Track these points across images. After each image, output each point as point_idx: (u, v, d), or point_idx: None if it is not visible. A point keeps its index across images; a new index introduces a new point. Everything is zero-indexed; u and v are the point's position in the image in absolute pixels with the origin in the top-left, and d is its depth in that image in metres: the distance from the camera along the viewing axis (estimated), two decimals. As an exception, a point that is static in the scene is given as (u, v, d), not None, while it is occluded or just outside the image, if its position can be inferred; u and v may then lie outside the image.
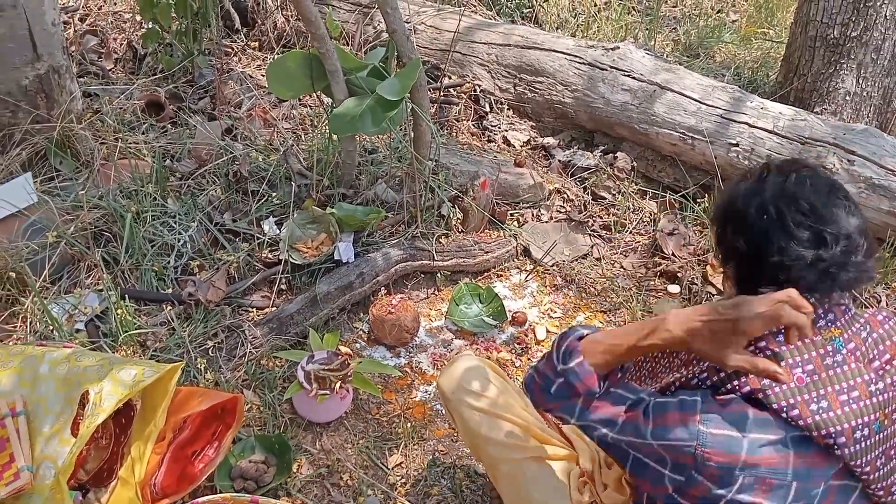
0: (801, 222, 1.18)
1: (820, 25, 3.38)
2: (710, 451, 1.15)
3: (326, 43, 2.39)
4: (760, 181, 1.24)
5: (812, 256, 1.17)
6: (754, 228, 1.21)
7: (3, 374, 1.75)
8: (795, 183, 1.21)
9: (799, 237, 1.17)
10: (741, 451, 1.14)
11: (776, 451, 1.15)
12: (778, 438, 1.15)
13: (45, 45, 2.57)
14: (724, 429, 1.15)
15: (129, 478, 1.74)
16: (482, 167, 2.94)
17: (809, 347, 1.18)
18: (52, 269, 2.31)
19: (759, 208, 1.21)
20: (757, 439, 1.14)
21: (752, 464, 1.14)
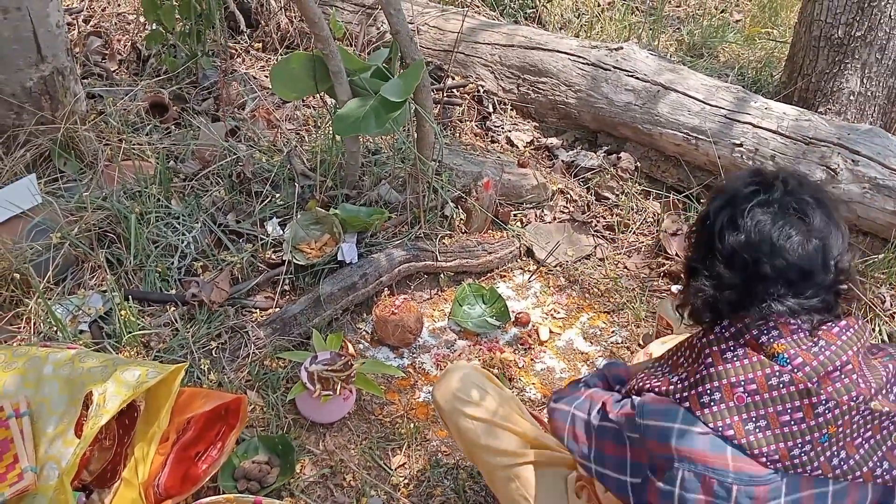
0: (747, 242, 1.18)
1: (824, 25, 3.37)
2: (650, 441, 1.20)
3: (330, 44, 2.39)
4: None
5: (780, 292, 1.17)
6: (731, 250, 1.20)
7: (8, 375, 1.76)
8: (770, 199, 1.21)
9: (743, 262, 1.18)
10: (671, 440, 1.17)
11: (713, 449, 1.15)
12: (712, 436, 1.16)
13: (49, 46, 2.58)
14: (658, 419, 1.20)
15: (132, 479, 1.75)
16: (485, 168, 2.93)
17: (755, 366, 1.16)
18: (56, 270, 2.32)
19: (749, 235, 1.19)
20: (688, 430, 1.17)
21: (686, 457, 1.16)
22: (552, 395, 1.49)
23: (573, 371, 2.41)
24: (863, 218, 2.71)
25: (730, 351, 1.18)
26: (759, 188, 1.22)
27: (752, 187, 1.22)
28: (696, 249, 1.28)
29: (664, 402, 1.22)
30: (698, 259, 1.25)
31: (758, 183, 1.23)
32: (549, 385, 2.36)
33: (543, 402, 2.28)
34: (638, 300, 2.65)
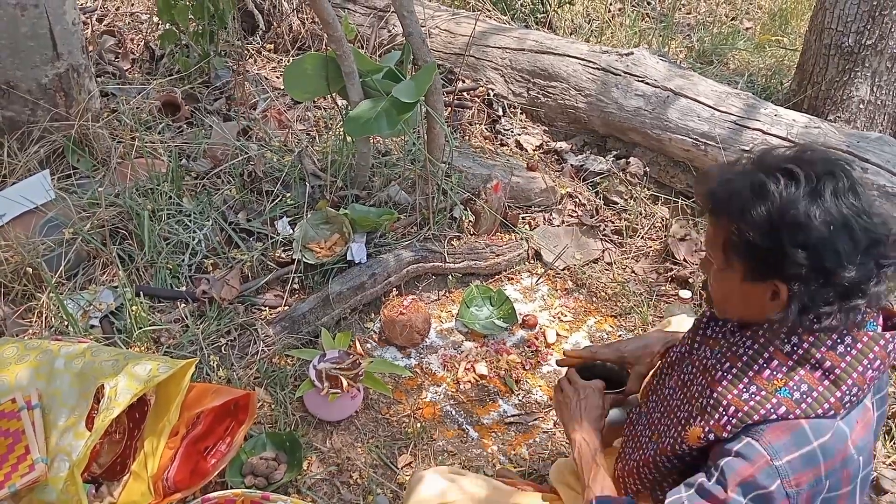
0: (864, 226, 1.10)
1: (835, 33, 3.37)
2: (794, 478, 1.12)
3: (343, 45, 2.41)
4: (813, 185, 1.11)
5: (873, 266, 1.12)
6: (820, 242, 1.10)
7: (20, 367, 1.77)
8: (848, 185, 1.12)
9: (861, 247, 1.10)
10: (821, 462, 1.13)
11: (841, 443, 1.14)
12: (834, 428, 1.15)
13: (65, 44, 2.60)
14: (795, 451, 1.13)
15: (141, 472, 1.77)
16: (495, 170, 2.95)
17: (870, 346, 1.16)
18: (68, 266, 2.34)
19: (825, 219, 1.09)
20: (824, 442, 1.13)
21: (831, 468, 1.13)
22: None
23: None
24: (871, 226, 2.71)
25: (840, 344, 1.16)
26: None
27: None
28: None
29: (787, 428, 1.14)
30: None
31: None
32: (556, 387, 2.37)
33: (549, 405, 2.29)
34: (645, 304, 2.66)
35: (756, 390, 1.17)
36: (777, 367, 1.18)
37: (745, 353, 1.22)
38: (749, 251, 1.16)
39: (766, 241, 1.12)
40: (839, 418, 1.15)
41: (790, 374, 1.16)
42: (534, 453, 2.14)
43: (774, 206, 1.11)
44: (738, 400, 1.18)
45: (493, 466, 2.09)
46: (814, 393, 1.14)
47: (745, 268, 1.18)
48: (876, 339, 1.15)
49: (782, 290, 1.14)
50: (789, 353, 1.18)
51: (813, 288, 1.11)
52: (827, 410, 1.14)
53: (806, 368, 1.16)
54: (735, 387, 1.19)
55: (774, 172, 1.14)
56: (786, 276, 1.13)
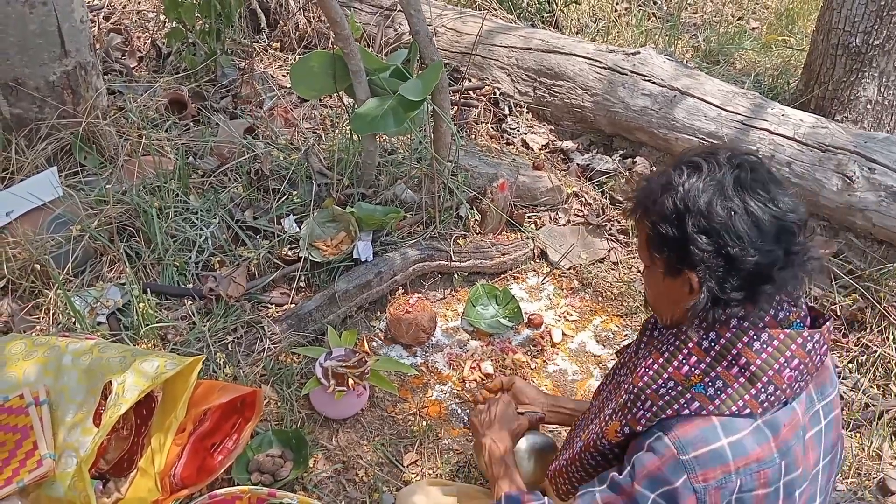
0: (770, 214, 1.12)
1: (842, 33, 3.37)
2: (701, 473, 1.13)
3: (350, 43, 2.41)
4: (714, 174, 1.15)
5: (782, 252, 1.13)
6: (722, 227, 1.12)
7: (28, 364, 1.78)
8: (751, 175, 1.15)
9: (767, 233, 1.12)
10: (730, 459, 1.14)
11: (757, 444, 1.15)
12: (750, 429, 1.15)
13: (73, 41, 2.61)
14: (703, 446, 1.14)
15: (148, 468, 1.77)
16: (501, 169, 2.95)
17: (787, 343, 1.17)
18: (76, 262, 2.34)
19: (724, 205, 1.12)
20: (735, 440, 1.14)
21: (742, 466, 1.14)
22: None
23: (585, 373, 2.42)
24: (878, 226, 2.71)
25: (756, 341, 1.16)
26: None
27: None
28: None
29: (697, 425, 1.16)
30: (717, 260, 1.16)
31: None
32: (561, 387, 2.37)
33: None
34: (651, 304, 2.65)
35: (673, 385, 1.19)
36: (695, 364, 1.19)
37: (666, 349, 1.24)
38: (662, 243, 1.19)
39: (673, 231, 1.16)
40: (760, 419, 1.16)
41: (707, 371, 1.18)
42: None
43: (678, 195, 1.15)
44: (655, 395, 1.20)
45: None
46: (728, 389, 1.16)
47: (663, 263, 1.21)
48: (793, 337, 1.17)
49: (693, 280, 1.16)
50: (707, 350, 1.19)
51: (719, 273, 1.13)
52: (741, 408, 1.15)
53: (723, 365, 1.17)
54: (654, 381, 1.21)
55: (680, 166, 1.18)
56: (693, 263, 1.15)
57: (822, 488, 1.30)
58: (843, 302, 2.63)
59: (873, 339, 2.50)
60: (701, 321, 1.17)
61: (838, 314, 2.61)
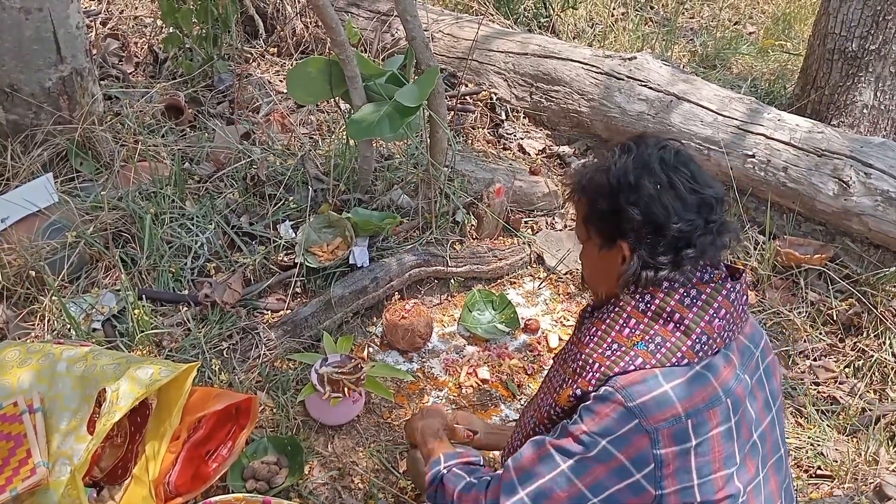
0: (690, 188, 1.27)
1: (838, 38, 3.37)
2: (651, 416, 1.21)
3: (346, 49, 2.41)
4: (643, 155, 1.29)
5: (703, 221, 1.26)
6: (650, 200, 1.26)
7: (22, 371, 1.77)
8: (675, 156, 1.30)
9: (690, 205, 1.26)
10: (675, 402, 1.22)
11: (700, 385, 1.24)
12: (690, 374, 1.24)
13: (68, 47, 2.61)
14: (647, 392, 1.22)
15: (143, 476, 1.76)
16: (497, 174, 2.95)
17: (713, 296, 1.28)
18: (71, 269, 2.34)
19: (651, 181, 1.26)
20: (676, 384, 1.23)
21: (690, 407, 1.22)
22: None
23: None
24: (874, 231, 2.71)
25: (686, 297, 1.28)
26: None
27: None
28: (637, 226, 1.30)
29: (640, 375, 1.24)
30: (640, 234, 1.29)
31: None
32: (558, 392, 2.36)
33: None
34: (648, 309, 2.65)
35: (617, 347, 1.29)
36: (635, 325, 1.29)
37: (607, 316, 1.34)
38: (597, 217, 1.33)
39: (607, 204, 1.30)
40: (697, 366, 1.25)
41: (646, 330, 1.28)
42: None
43: (612, 173, 1.30)
44: (602, 357, 1.29)
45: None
46: (667, 343, 1.26)
47: (598, 236, 1.35)
48: (718, 290, 1.29)
49: (625, 248, 1.29)
50: (644, 311, 1.29)
51: (648, 240, 1.27)
52: (680, 359, 1.25)
53: (659, 323, 1.28)
54: (600, 346, 1.31)
55: (613, 148, 1.34)
56: (625, 232, 1.29)
57: (781, 437, 1.40)
58: (839, 307, 2.63)
59: (870, 344, 2.50)
60: (633, 284, 1.30)
61: (835, 319, 2.61)
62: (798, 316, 2.59)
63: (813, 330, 2.57)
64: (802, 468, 2.14)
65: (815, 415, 2.28)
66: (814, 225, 2.92)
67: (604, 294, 1.39)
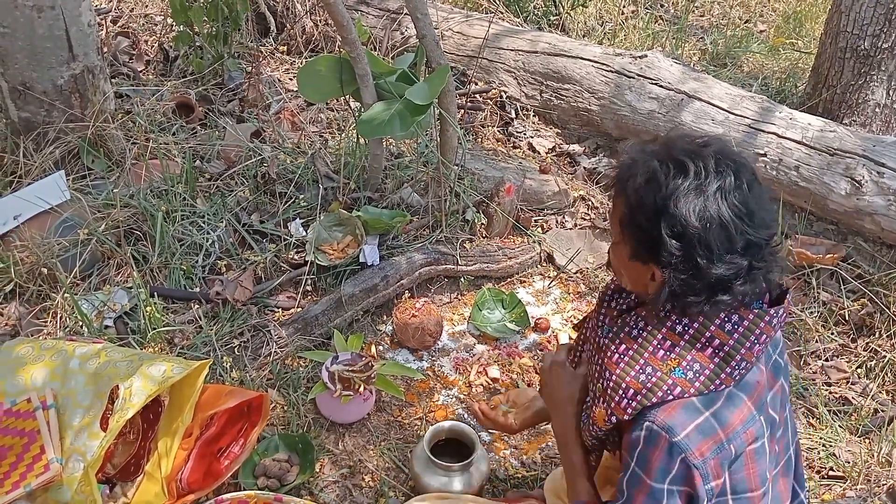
0: (741, 229, 1.15)
1: (850, 36, 3.35)
2: (696, 449, 1.18)
3: (357, 47, 2.41)
4: (699, 181, 1.16)
5: (747, 266, 1.17)
6: (694, 236, 1.15)
7: (35, 368, 1.78)
8: (735, 185, 1.16)
9: (737, 247, 1.16)
10: (717, 429, 1.19)
11: (735, 407, 1.21)
12: (725, 396, 1.22)
13: (80, 45, 2.62)
14: (689, 423, 1.19)
15: (155, 472, 1.77)
16: (507, 173, 2.94)
17: (756, 322, 1.23)
18: (83, 266, 2.35)
19: (701, 215, 1.14)
20: (716, 410, 1.21)
21: (731, 432, 1.20)
22: None
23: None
24: (887, 230, 2.69)
25: (727, 322, 1.23)
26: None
27: None
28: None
29: (676, 406, 1.20)
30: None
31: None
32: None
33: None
34: (658, 308, 2.64)
35: (652, 371, 1.24)
36: (670, 348, 1.24)
37: (638, 334, 1.28)
38: (635, 232, 1.22)
39: (648, 227, 1.19)
40: (733, 387, 1.23)
41: (682, 354, 1.23)
42: (546, 458, 2.13)
43: (660, 195, 1.17)
44: (636, 382, 1.24)
45: (505, 470, 2.08)
46: (706, 371, 1.22)
47: (631, 247, 1.24)
48: (761, 316, 1.23)
49: (657, 275, 1.22)
50: (681, 334, 1.24)
51: (683, 277, 1.18)
52: (718, 386, 1.21)
53: (697, 347, 1.23)
54: (632, 368, 1.26)
55: (668, 161, 1.19)
56: (660, 262, 1.19)
57: (792, 436, 1.40)
58: (851, 307, 2.61)
59: (882, 344, 2.49)
60: (658, 312, 1.25)
61: (847, 319, 2.59)
62: (810, 316, 2.58)
63: (825, 330, 2.56)
64: (815, 469, 2.13)
65: (828, 415, 2.27)
66: (826, 224, 2.91)
67: (629, 287, 1.34)
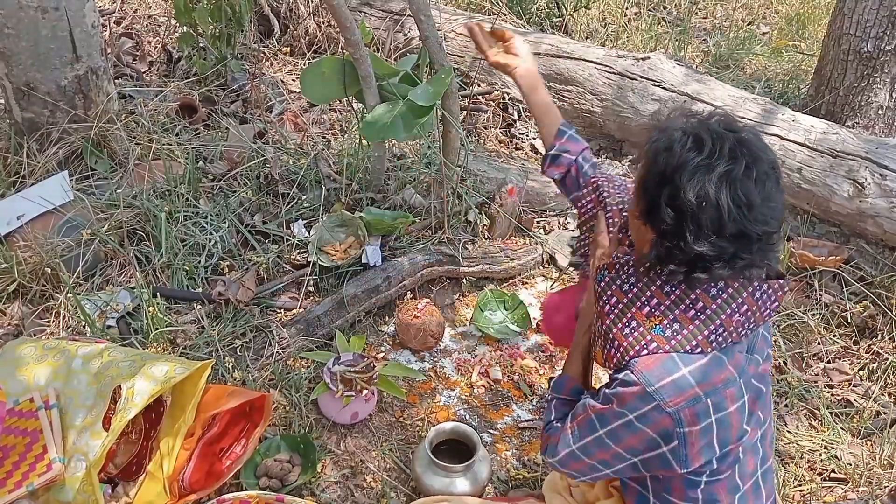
0: (735, 217, 1.18)
1: (853, 39, 3.35)
2: (670, 399, 1.24)
3: (360, 48, 2.41)
4: (710, 160, 1.18)
5: (732, 252, 1.20)
6: (688, 210, 1.18)
7: (38, 367, 1.79)
8: (744, 173, 1.18)
9: (726, 232, 1.19)
10: (694, 385, 1.24)
11: (717, 368, 1.26)
12: (707, 358, 1.27)
13: (84, 46, 2.63)
14: (666, 377, 1.25)
15: (157, 472, 1.77)
16: (509, 174, 2.94)
17: (739, 292, 1.28)
18: (86, 266, 2.35)
19: (699, 193, 1.17)
20: (693, 369, 1.25)
21: (709, 388, 1.25)
22: (551, 460, 1.46)
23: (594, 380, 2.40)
24: (889, 232, 2.69)
25: (713, 288, 1.27)
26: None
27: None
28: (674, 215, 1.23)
29: (657, 359, 1.26)
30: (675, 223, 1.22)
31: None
32: (570, 392, 2.35)
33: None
34: (660, 310, 2.64)
35: (636, 325, 1.30)
36: (656, 306, 1.30)
37: (629, 289, 1.34)
38: (643, 193, 1.28)
39: (653, 191, 1.24)
40: (712, 352, 1.27)
41: (665, 313, 1.29)
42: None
43: (670, 163, 1.22)
44: (621, 335, 1.31)
45: (506, 471, 2.09)
46: (684, 331, 1.27)
47: (639, 206, 1.30)
48: (745, 286, 1.28)
49: (650, 236, 1.28)
50: (668, 293, 1.29)
51: (668, 245, 1.23)
52: (694, 347, 1.26)
53: (681, 308, 1.28)
54: (620, 321, 1.33)
55: (690, 135, 1.23)
56: (654, 225, 1.26)
57: (769, 403, 1.45)
58: (854, 309, 2.61)
59: (884, 347, 2.48)
60: (646, 271, 1.31)
61: (849, 321, 2.59)
62: (812, 318, 2.58)
63: (827, 332, 2.55)
64: (816, 471, 2.12)
65: (829, 417, 2.27)
66: (828, 226, 2.91)
67: (635, 245, 1.40)
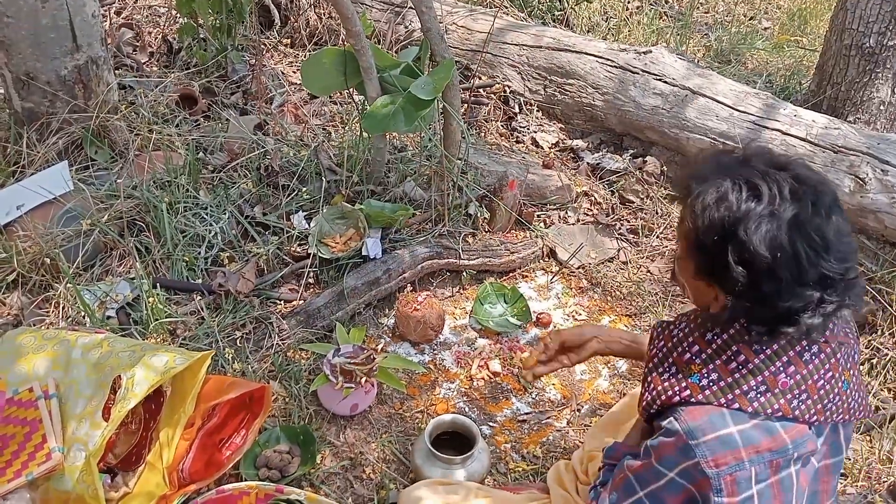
0: (814, 262, 1.09)
1: (855, 34, 3.34)
2: (712, 459, 1.15)
3: (362, 40, 2.40)
4: (773, 206, 1.09)
5: (817, 300, 1.11)
6: (762, 265, 1.09)
7: (37, 357, 1.79)
8: (812, 213, 1.09)
9: (808, 280, 1.09)
10: (740, 446, 1.15)
11: (768, 434, 1.16)
12: (757, 420, 1.17)
13: (84, 35, 2.62)
14: (711, 432, 1.16)
15: (156, 462, 1.77)
16: (510, 168, 2.94)
17: (786, 349, 1.19)
18: (86, 257, 2.35)
19: (772, 244, 1.08)
20: (743, 429, 1.16)
21: (754, 454, 1.15)
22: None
23: (593, 373, 2.41)
24: (890, 228, 2.69)
25: (756, 343, 1.19)
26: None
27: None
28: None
29: (706, 411, 1.18)
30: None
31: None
32: (569, 386, 2.36)
33: (563, 403, 2.28)
34: (660, 305, 2.65)
35: (674, 371, 1.26)
36: (696, 353, 1.24)
37: (676, 334, 1.30)
38: (700, 251, 1.17)
39: (714, 249, 1.13)
40: (758, 418, 1.17)
41: (706, 363, 1.22)
42: (547, 451, 2.13)
43: (729, 217, 1.11)
44: (659, 379, 1.27)
45: (506, 464, 2.09)
46: (721, 382, 1.19)
47: (695, 264, 1.21)
48: (792, 344, 1.18)
49: (720, 298, 1.18)
50: (709, 342, 1.24)
51: (747, 305, 1.14)
52: (730, 401, 1.17)
53: (721, 359, 1.21)
54: (661, 365, 1.29)
55: (741, 182, 1.12)
56: (725, 286, 1.15)
57: (833, 487, 1.32)
58: (854, 304, 2.60)
59: (884, 342, 2.48)
60: (713, 328, 1.23)
61: (849, 316, 2.59)
62: (812, 313, 2.57)
63: (827, 327, 2.55)
64: (815, 465, 2.13)
65: (828, 412, 2.27)
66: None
67: (691, 301, 1.32)
